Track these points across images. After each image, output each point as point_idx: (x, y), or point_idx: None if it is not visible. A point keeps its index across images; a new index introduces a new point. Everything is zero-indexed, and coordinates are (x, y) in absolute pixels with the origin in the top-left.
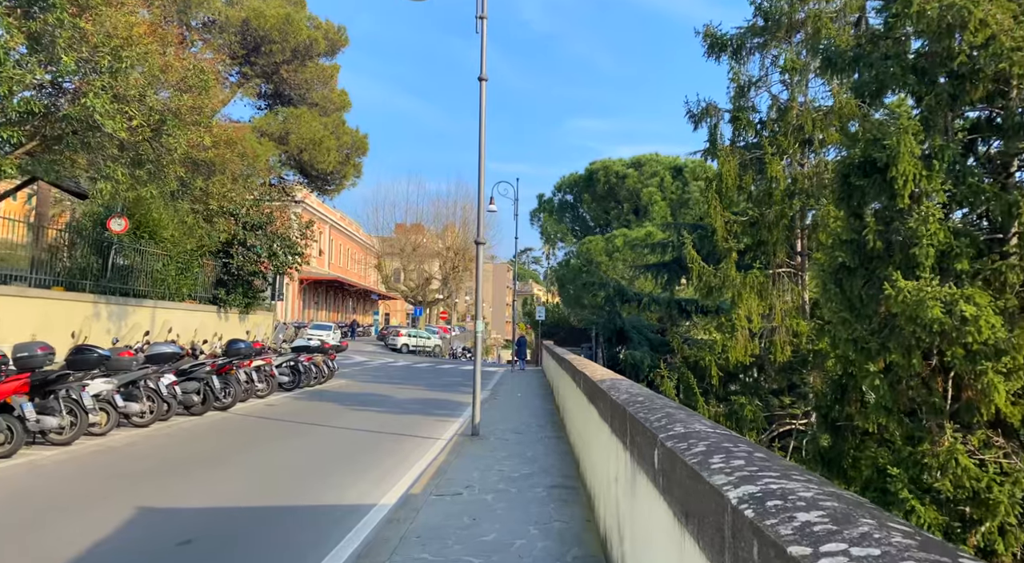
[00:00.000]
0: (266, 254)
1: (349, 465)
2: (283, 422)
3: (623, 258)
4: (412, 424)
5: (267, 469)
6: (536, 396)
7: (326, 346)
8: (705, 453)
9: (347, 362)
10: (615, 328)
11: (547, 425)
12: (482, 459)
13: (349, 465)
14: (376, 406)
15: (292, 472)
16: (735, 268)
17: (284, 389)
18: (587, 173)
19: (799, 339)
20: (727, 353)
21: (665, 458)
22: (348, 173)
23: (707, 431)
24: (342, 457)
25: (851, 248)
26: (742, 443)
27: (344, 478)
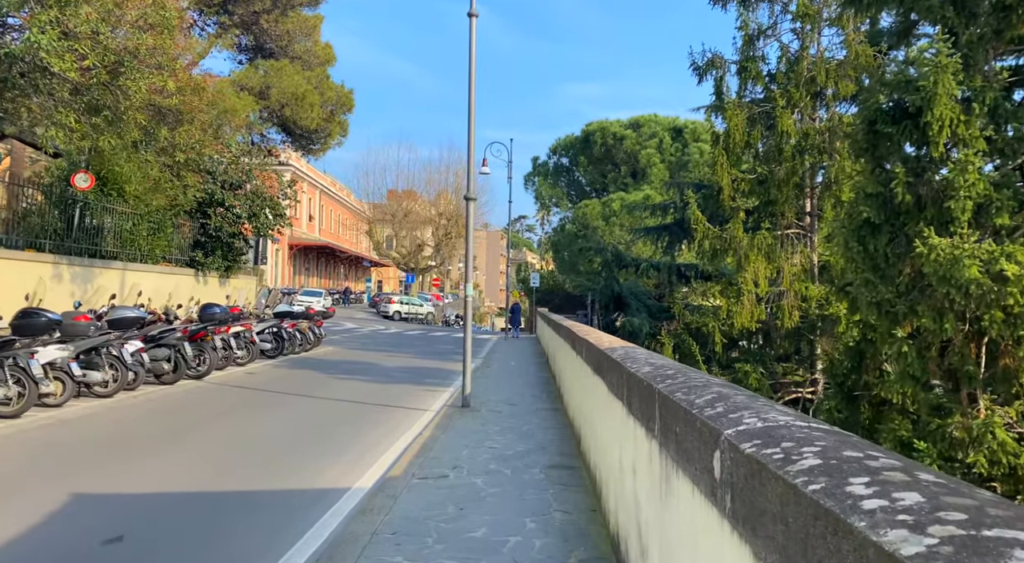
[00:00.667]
0: (246, 215)
1: (326, 441)
2: (261, 392)
3: (620, 223)
4: (399, 394)
5: (234, 446)
6: (531, 364)
7: (311, 312)
8: (825, 469)
9: (336, 329)
10: (612, 294)
11: (543, 395)
12: (472, 434)
13: (326, 441)
14: (362, 375)
15: (261, 450)
16: (742, 229)
17: (267, 356)
18: (583, 135)
19: (808, 304)
20: (732, 319)
21: (743, 470)
22: (333, 131)
23: (800, 426)
24: (319, 432)
25: (876, 203)
26: (878, 452)
27: (319, 457)
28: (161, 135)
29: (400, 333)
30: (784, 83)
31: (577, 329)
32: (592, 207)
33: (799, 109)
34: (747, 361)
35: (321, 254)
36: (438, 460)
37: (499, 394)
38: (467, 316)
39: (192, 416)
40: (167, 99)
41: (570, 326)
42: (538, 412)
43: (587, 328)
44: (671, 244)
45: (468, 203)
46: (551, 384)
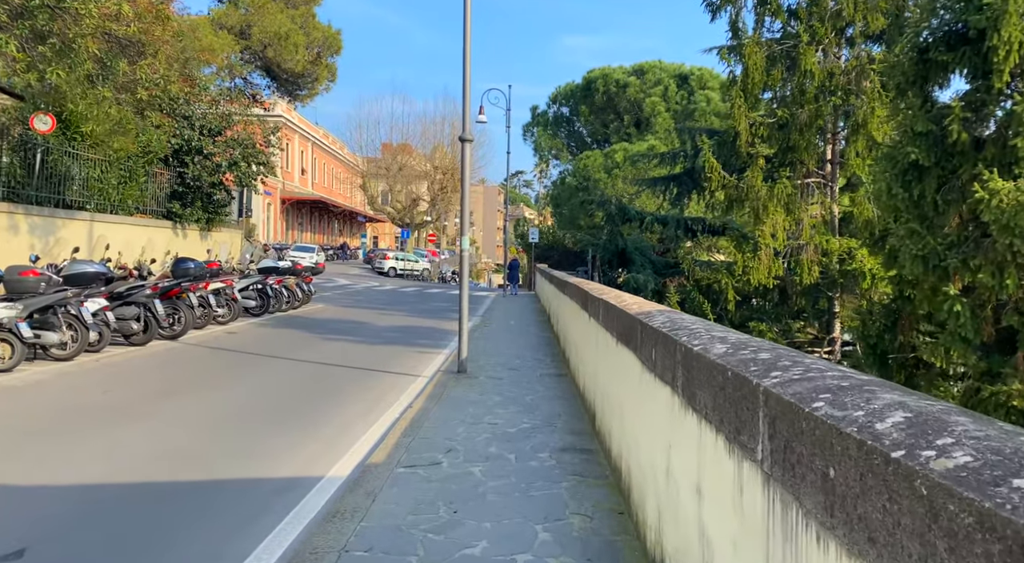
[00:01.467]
0: (226, 164)
1: (302, 414)
2: (238, 354)
3: (623, 175)
4: (389, 357)
5: (194, 420)
6: (531, 324)
7: (298, 268)
8: None
9: (328, 285)
10: (616, 250)
11: (546, 358)
12: (470, 406)
13: (302, 414)
14: (351, 335)
15: (226, 424)
16: (761, 177)
17: (251, 314)
18: (585, 82)
19: (828, 258)
20: (748, 275)
21: None
22: (320, 75)
23: None
24: (296, 402)
25: (926, 143)
26: None
27: (291, 434)
28: (119, 68)
29: (394, 290)
30: (807, 18)
31: (588, 287)
32: (593, 159)
33: (823, 47)
34: (761, 320)
35: (314, 209)
36: (429, 441)
37: (499, 357)
38: (463, 272)
39: (154, 382)
40: (125, 27)
41: (578, 283)
42: (542, 379)
43: (599, 285)
44: (679, 196)
45: (464, 145)
46: (554, 345)
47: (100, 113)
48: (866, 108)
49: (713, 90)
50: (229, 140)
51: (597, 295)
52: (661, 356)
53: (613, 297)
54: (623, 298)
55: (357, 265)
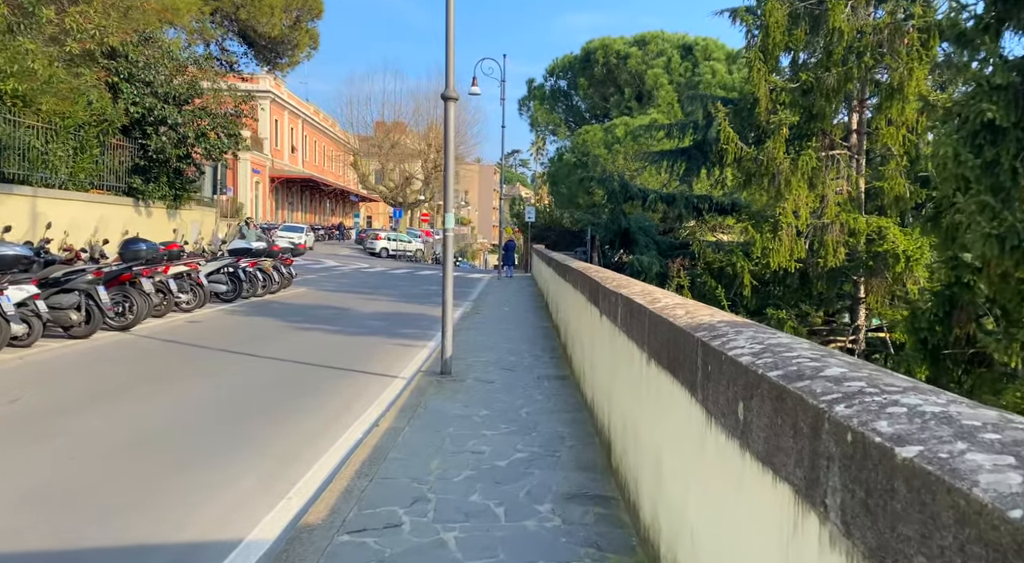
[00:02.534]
0: (193, 135)
1: (240, 436)
2: (193, 349)
3: (624, 151)
4: (366, 352)
5: (99, 444)
6: (527, 310)
7: (275, 249)
8: None
9: (315, 267)
10: (618, 229)
11: (544, 354)
12: (450, 423)
13: (240, 436)
14: (329, 324)
15: (136, 452)
16: (784, 149)
17: (222, 300)
18: (583, 53)
19: (856, 238)
20: (768, 258)
21: None
22: (301, 42)
23: None
24: (238, 417)
25: (1004, 98)
26: None
27: (217, 467)
28: (42, 16)
29: (384, 272)
30: None
31: (597, 275)
32: (593, 133)
33: (851, 2)
34: (778, 306)
35: (305, 187)
36: (391, 483)
37: (490, 353)
38: (447, 257)
39: (74, 388)
40: None
41: (584, 270)
42: (540, 382)
43: (611, 273)
44: (688, 171)
45: (447, 104)
46: (554, 338)
47: (21, 68)
48: (903, 70)
49: (719, 61)
50: (197, 110)
51: (612, 288)
52: (771, 428)
53: (639, 293)
54: (652, 295)
55: (349, 245)
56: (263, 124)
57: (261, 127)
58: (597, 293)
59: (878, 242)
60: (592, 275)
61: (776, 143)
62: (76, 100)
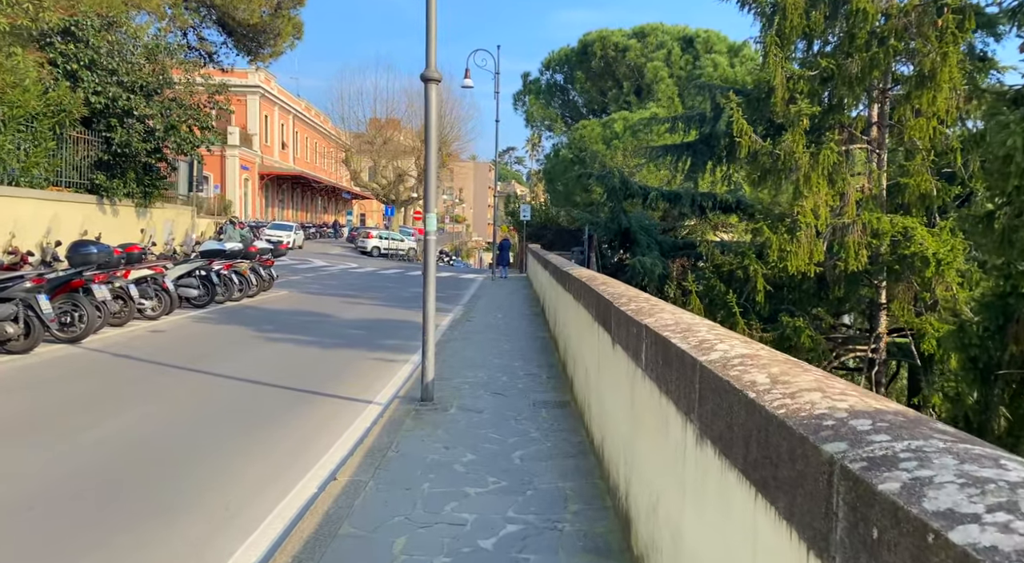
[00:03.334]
0: (162, 128)
1: (148, 502)
2: (144, 365)
3: (623, 146)
4: (340, 368)
5: None
6: (522, 317)
7: (252, 249)
8: None
9: (301, 267)
10: (618, 229)
11: (541, 371)
12: (425, 477)
13: (148, 502)
14: (304, 333)
15: (12, 524)
16: (804, 142)
17: (194, 305)
18: (581, 46)
19: (879, 240)
20: (785, 261)
21: None
22: (283, 30)
23: None
24: (157, 469)
25: None
26: None
27: (110, 552)
28: None
29: (374, 273)
30: None
31: (605, 289)
32: (591, 128)
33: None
34: (792, 313)
35: (296, 184)
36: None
37: (479, 371)
38: (428, 262)
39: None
40: None
41: (586, 279)
42: (537, 412)
43: (622, 286)
44: (694, 167)
45: (427, 86)
46: (550, 351)
47: None
48: (934, 55)
49: (721, 54)
50: (167, 101)
51: (631, 313)
52: None
53: (673, 327)
54: (693, 330)
55: (340, 244)
56: (252, 120)
57: (250, 123)
58: (608, 315)
59: (904, 244)
60: (599, 289)
61: (795, 136)
62: (26, 88)
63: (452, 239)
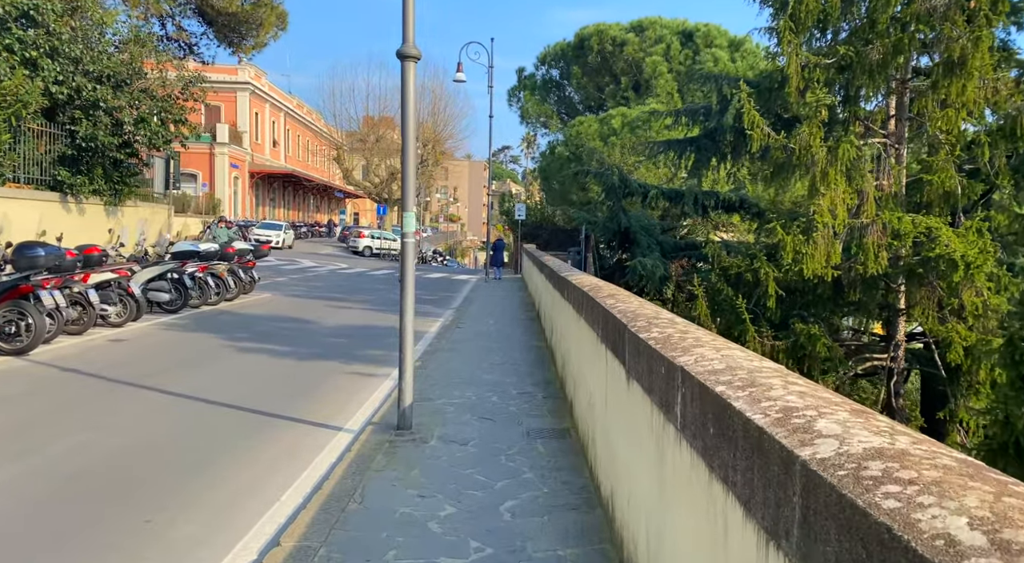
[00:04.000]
0: (131, 121)
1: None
2: (92, 382)
3: (621, 143)
4: (312, 384)
5: None
6: (515, 323)
7: (229, 251)
8: None
9: (289, 268)
10: (618, 228)
11: (537, 390)
12: (392, 541)
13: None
14: (280, 342)
15: None
16: (821, 135)
17: (165, 310)
18: (577, 40)
19: (900, 241)
20: (801, 263)
21: None
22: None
23: None
24: (66, 518)
25: None
26: None
27: None
28: None
29: (363, 273)
30: None
31: (613, 304)
32: (588, 125)
33: None
34: (804, 318)
35: (288, 183)
36: None
37: (467, 389)
38: (406, 269)
39: None
40: None
41: (589, 289)
42: (532, 444)
43: (634, 301)
44: (698, 163)
45: (404, 64)
46: (547, 365)
47: None
48: (964, 40)
49: (721, 48)
50: (137, 92)
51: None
52: None
53: (726, 376)
54: (754, 375)
55: (332, 244)
56: (242, 117)
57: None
58: (620, 341)
59: (928, 245)
60: (607, 305)
61: (812, 128)
62: None
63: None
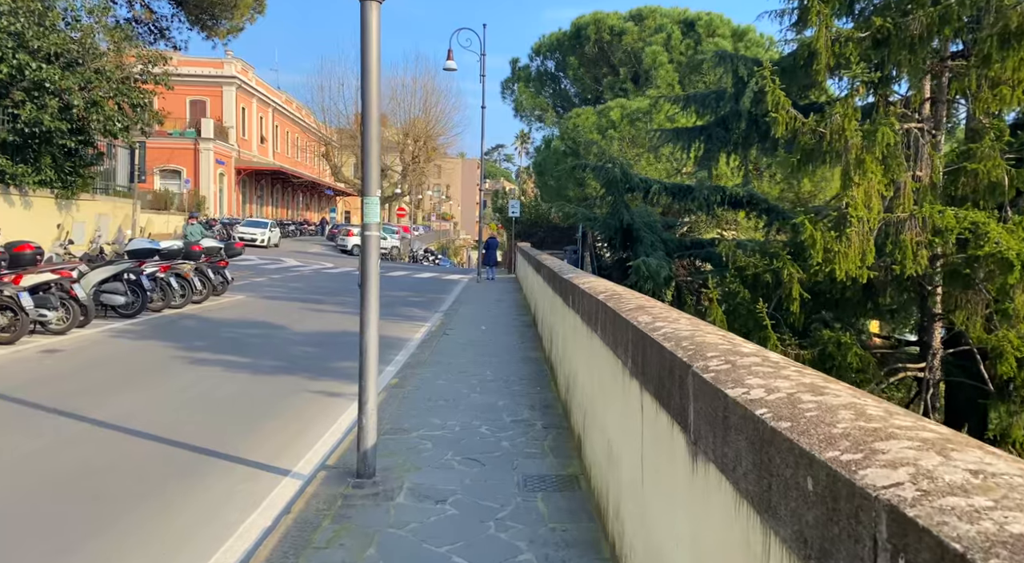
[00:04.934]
0: (82, 104)
1: None
2: (2, 403)
3: (620, 135)
4: (264, 409)
5: None
6: (510, 329)
7: (195, 249)
8: None
9: (271, 267)
10: (619, 225)
11: (536, 418)
12: None
13: None
14: (240, 352)
15: None
16: (856, 117)
17: (120, 315)
18: (574, 29)
19: (942, 238)
20: (833, 263)
21: None
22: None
23: None
24: None
25: None
26: None
27: None
28: None
29: (347, 274)
30: None
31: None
32: (585, 117)
33: None
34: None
35: (276, 180)
36: None
37: (449, 417)
38: (366, 271)
39: None
40: None
41: (603, 296)
42: (531, 502)
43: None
44: (708, 154)
45: (364, 6)
46: (546, 382)
47: None
48: (1023, 7)
49: (724, 38)
50: (90, 73)
51: (770, 421)
52: None
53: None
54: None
55: (321, 242)
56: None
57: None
58: (680, 391)
59: (974, 243)
60: (638, 322)
61: (846, 110)
62: None
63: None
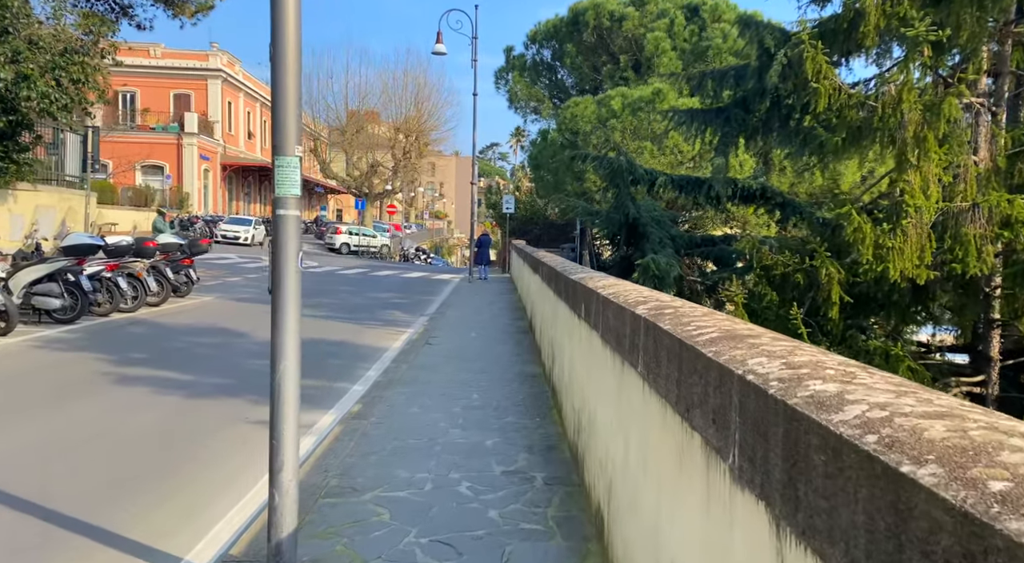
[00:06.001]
0: (9, 78)
1: None
2: None
3: (622, 126)
4: (181, 451)
5: None
6: (503, 337)
7: (149, 245)
8: None
9: (251, 266)
10: (624, 220)
11: (535, 466)
12: None
13: None
14: (183, 365)
15: None
16: (916, 88)
17: (56, 320)
18: (571, 15)
19: (1012, 231)
20: (886, 260)
21: None
22: None
23: None
24: None
25: None
26: None
27: None
28: None
29: (331, 273)
30: None
31: (737, 363)
32: (584, 106)
33: None
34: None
35: (263, 177)
36: None
37: (418, 466)
38: (281, 262)
39: None
40: None
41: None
42: None
43: (760, 331)
44: (725, 140)
45: None
46: (546, 408)
47: None
48: None
49: (730, 23)
50: (20, 44)
51: None
52: None
53: None
54: None
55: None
56: (213, 106)
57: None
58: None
59: None
60: (725, 361)
61: (907, 77)
62: None
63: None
